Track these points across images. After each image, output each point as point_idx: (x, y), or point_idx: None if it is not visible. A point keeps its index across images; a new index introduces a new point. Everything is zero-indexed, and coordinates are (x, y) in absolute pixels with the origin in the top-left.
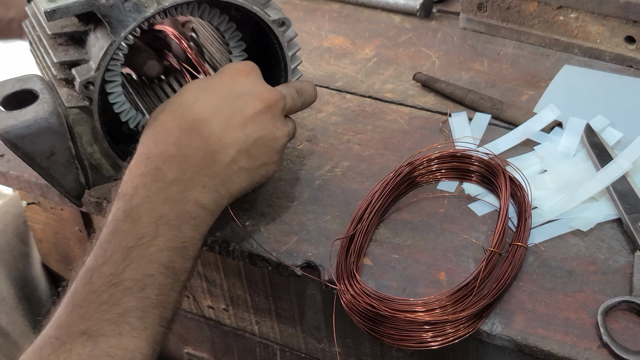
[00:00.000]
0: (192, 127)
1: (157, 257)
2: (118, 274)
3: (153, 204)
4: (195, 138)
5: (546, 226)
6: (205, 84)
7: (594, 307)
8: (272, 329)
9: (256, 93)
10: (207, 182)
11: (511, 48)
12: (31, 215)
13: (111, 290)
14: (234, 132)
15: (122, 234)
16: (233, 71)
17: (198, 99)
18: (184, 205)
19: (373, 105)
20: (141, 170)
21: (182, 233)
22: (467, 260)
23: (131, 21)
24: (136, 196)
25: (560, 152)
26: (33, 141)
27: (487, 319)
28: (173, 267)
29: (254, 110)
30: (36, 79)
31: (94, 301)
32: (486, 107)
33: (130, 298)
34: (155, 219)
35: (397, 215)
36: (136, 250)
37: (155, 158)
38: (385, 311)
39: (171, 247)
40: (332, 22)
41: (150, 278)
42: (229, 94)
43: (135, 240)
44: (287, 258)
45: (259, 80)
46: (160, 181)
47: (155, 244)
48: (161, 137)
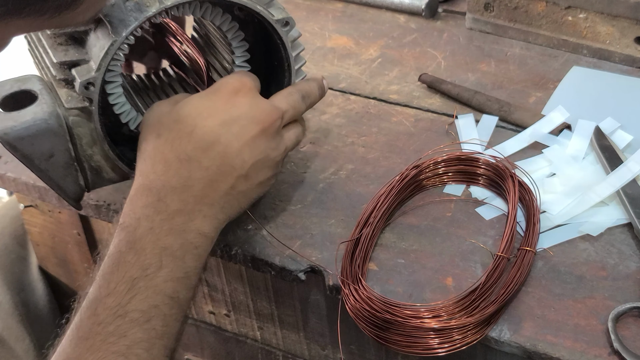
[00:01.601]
0: (192, 158)
1: (162, 288)
2: (123, 305)
3: (157, 235)
4: (195, 168)
5: (555, 231)
6: (201, 107)
7: (605, 313)
8: (275, 335)
9: (252, 116)
10: (207, 210)
11: (519, 49)
12: (28, 218)
13: (117, 321)
14: (232, 159)
15: (126, 265)
16: (230, 90)
17: (196, 126)
18: (187, 236)
19: (378, 106)
20: (143, 202)
21: (185, 263)
22: (475, 265)
23: (132, 20)
24: (139, 228)
25: (569, 155)
26: (32, 143)
27: (495, 325)
28: (177, 298)
29: (250, 134)
30: (35, 79)
31: (100, 333)
32: (493, 109)
33: (137, 330)
34: (160, 250)
35: (403, 219)
36: (141, 281)
37: (156, 189)
38: (391, 317)
39: (175, 278)
40: (335, 21)
41: (156, 309)
42: (226, 119)
43: (140, 271)
44: (291, 262)
45: (256, 100)
46: (163, 212)
47: (160, 275)
48: (161, 168)
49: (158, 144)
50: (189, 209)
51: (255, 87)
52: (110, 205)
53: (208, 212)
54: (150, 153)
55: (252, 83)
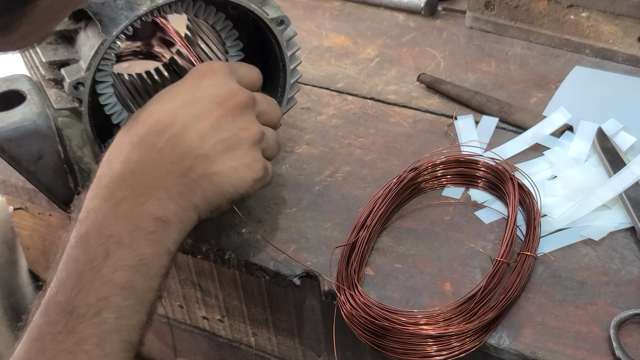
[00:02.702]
0: (144, 141)
1: (111, 278)
2: (71, 301)
3: (102, 225)
4: (146, 152)
5: (556, 235)
6: (166, 93)
7: (606, 320)
8: (269, 341)
9: (215, 94)
10: (161, 194)
11: (520, 48)
12: (18, 221)
13: (65, 319)
14: (189, 138)
15: (73, 261)
16: (197, 74)
17: (154, 110)
18: (136, 221)
19: (375, 107)
20: (92, 194)
21: (137, 250)
22: (474, 271)
23: (123, 19)
24: (86, 220)
25: (570, 158)
26: (20, 144)
27: (494, 332)
28: (132, 287)
29: (213, 114)
30: (24, 79)
31: (50, 332)
32: (493, 110)
33: (85, 325)
34: (105, 239)
35: (401, 223)
36: (87, 274)
37: (105, 179)
38: (388, 323)
39: (126, 266)
40: (333, 20)
41: (105, 301)
42: (186, 101)
43: (85, 264)
44: (286, 267)
45: (221, 80)
46: (109, 201)
47: (106, 265)
48: (114, 156)
49: (119, 134)
50: (137, 193)
51: (224, 70)
52: None
53: (162, 196)
54: (111, 144)
55: (221, 66)
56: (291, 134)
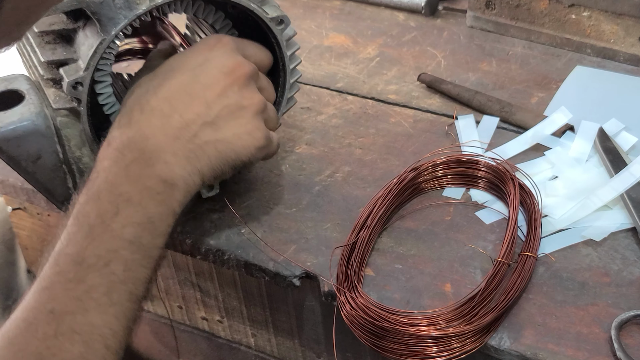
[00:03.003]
0: (154, 108)
1: (120, 233)
2: (81, 252)
3: (112, 184)
4: (155, 118)
5: (557, 235)
6: (173, 63)
7: (608, 321)
8: (269, 342)
9: (221, 65)
10: (169, 158)
11: (521, 48)
12: (17, 221)
13: (75, 268)
14: (196, 106)
15: (84, 216)
16: (204, 46)
17: (164, 79)
18: (145, 182)
19: (376, 107)
20: (102, 155)
21: (145, 209)
22: (474, 271)
23: (122, 19)
24: (97, 179)
25: (572, 158)
26: (18, 144)
27: (495, 333)
28: (139, 243)
29: (220, 83)
30: (22, 78)
31: (59, 281)
32: (494, 110)
33: (95, 274)
34: (115, 197)
35: (401, 223)
36: (98, 227)
37: (115, 142)
38: (388, 324)
39: (135, 223)
40: (333, 19)
41: (114, 253)
42: (195, 69)
43: (96, 218)
44: (285, 268)
45: (227, 51)
46: (119, 162)
47: (116, 220)
48: (123, 121)
49: (129, 101)
50: (147, 157)
51: (232, 44)
52: None
53: (170, 160)
54: (120, 110)
55: (230, 40)
56: (291, 134)
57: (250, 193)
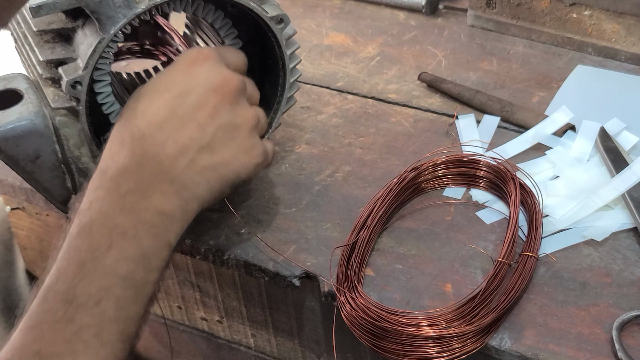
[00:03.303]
0: (145, 135)
1: (112, 268)
2: (71, 289)
3: (106, 215)
4: (149, 145)
5: (558, 235)
6: (158, 83)
7: (609, 321)
8: (269, 342)
9: (208, 82)
10: (166, 188)
11: (521, 47)
12: (15, 221)
13: (65, 307)
14: (189, 130)
15: (75, 250)
16: (186, 62)
17: (151, 102)
18: (141, 214)
19: (376, 106)
20: (95, 184)
21: (140, 243)
22: (475, 271)
23: (121, 17)
24: (90, 210)
25: (573, 157)
26: (17, 144)
27: (495, 333)
28: (132, 279)
29: (210, 103)
30: (21, 78)
31: (47, 320)
32: (495, 109)
33: (85, 314)
34: (109, 230)
35: (401, 223)
36: (89, 263)
37: (109, 171)
38: (388, 325)
39: (128, 258)
40: (333, 18)
41: (106, 292)
42: (182, 91)
43: (87, 253)
44: (285, 268)
45: (213, 67)
46: (114, 193)
47: (109, 255)
48: (115, 148)
49: (117, 126)
50: (143, 187)
51: (215, 56)
52: None
53: (167, 190)
54: (110, 137)
55: (211, 52)
56: (291, 134)
57: (249, 193)
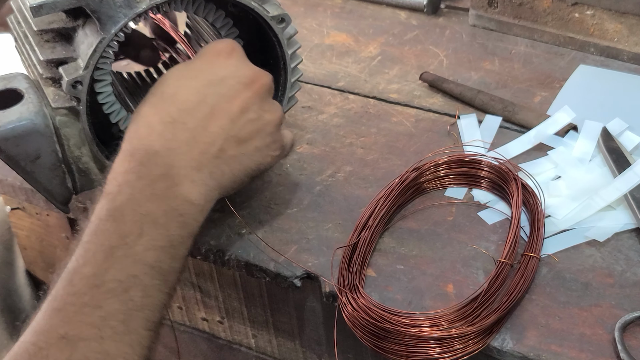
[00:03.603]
0: (176, 119)
1: (142, 257)
2: (100, 275)
3: (138, 202)
4: (179, 130)
5: (560, 236)
6: (185, 70)
7: (611, 322)
8: (270, 343)
9: (240, 75)
10: (194, 175)
11: (523, 47)
12: (15, 221)
13: (92, 292)
14: (220, 119)
15: (104, 234)
16: (213, 53)
17: (180, 87)
18: (171, 202)
19: (377, 106)
20: (125, 167)
21: (169, 231)
22: (477, 272)
23: (122, 17)
24: (120, 194)
25: (575, 158)
26: (17, 143)
27: (497, 334)
28: (160, 268)
29: (239, 94)
30: (21, 77)
31: (75, 304)
32: (497, 109)
33: (113, 300)
34: (140, 217)
35: (403, 224)
36: (119, 250)
37: (138, 154)
38: (390, 325)
39: (157, 247)
40: (334, 18)
41: (135, 279)
42: (212, 80)
43: (118, 239)
44: (286, 268)
45: (242, 61)
46: (145, 178)
47: (140, 243)
48: (144, 131)
49: (143, 109)
50: (174, 173)
51: (241, 50)
52: None
53: (196, 177)
54: (135, 119)
55: (237, 46)
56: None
57: (250, 193)
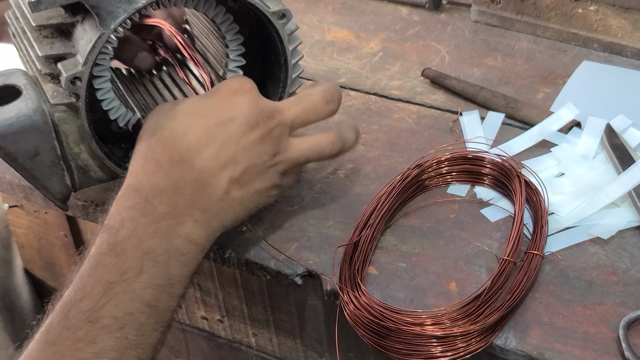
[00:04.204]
0: (184, 159)
1: (140, 294)
2: (96, 310)
3: (140, 238)
4: (187, 170)
5: (564, 233)
6: (197, 106)
7: (615, 320)
8: (270, 342)
9: (249, 115)
10: (199, 216)
11: (526, 43)
12: (13, 219)
13: (88, 327)
14: (226, 162)
15: (104, 268)
16: (228, 91)
17: (190, 125)
18: (173, 241)
19: (379, 103)
20: (129, 203)
21: (169, 270)
22: (479, 270)
23: (121, 12)
24: (122, 229)
25: (578, 154)
26: (15, 140)
27: (500, 332)
28: (156, 306)
29: (247, 136)
30: (19, 73)
31: (69, 338)
32: (499, 106)
33: (107, 337)
34: (141, 253)
35: (405, 221)
36: (118, 285)
37: (144, 190)
38: (392, 324)
39: (156, 285)
40: (335, 14)
41: (131, 317)
42: (222, 119)
43: (118, 275)
44: (287, 266)
45: (254, 101)
46: (149, 215)
47: (139, 280)
48: (151, 167)
49: (151, 142)
50: (178, 212)
51: (255, 88)
52: (98, 206)
53: (200, 218)
54: (142, 152)
55: (253, 84)
56: None
57: None
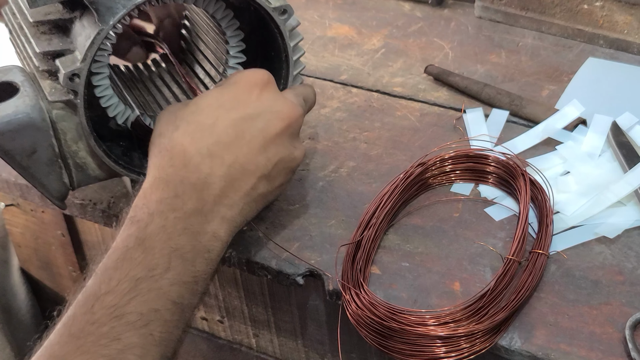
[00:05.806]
0: (214, 153)
1: (166, 291)
2: (122, 305)
3: (169, 234)
4: (217, 165)
5: (569, 232)
6: (221, 98)
7: (621, 320)
8: (271, 343)
9: (277, 111)
10: (225, 212)
11: (531, 39)
12: (10, 218)
13: (112, 322)
14: (256, 156)
15: (131, 263)
16: (248, 83)
17: (217, 118)
18: (200, 238)
19: (381, 100)
20: (158, 196)
21: (195, 267)
22: (484, 269)
23: (120, 8)
24: (151, 224)
25: (584, 152)
26: (13, 138)
27: (505, 333)
28: (181, 304)
29: (276, 131)
30: (17, 70)
31: (93, 333)
32: (504, 103)
33: (132, 333)
34: (170, 250)
35: (408, 220)
36: (145, 282)
37: (174, 184)
38: (395, 324)
39: (182, 282)
40: (336, 9)
41: (156, 313)
42: (250, 113)
43: (145, 271)
44: (288, 266)
45: (277, 95)
46: (178, 210)
47: (166, 277)
48: (179, 161)
49: (176, 136)
50: (207, 209)
51: (274, 80)
52: (96, 205)
53: (227, 214)
54: (167, 146)
55: (270, 76)
56: None
57: None
